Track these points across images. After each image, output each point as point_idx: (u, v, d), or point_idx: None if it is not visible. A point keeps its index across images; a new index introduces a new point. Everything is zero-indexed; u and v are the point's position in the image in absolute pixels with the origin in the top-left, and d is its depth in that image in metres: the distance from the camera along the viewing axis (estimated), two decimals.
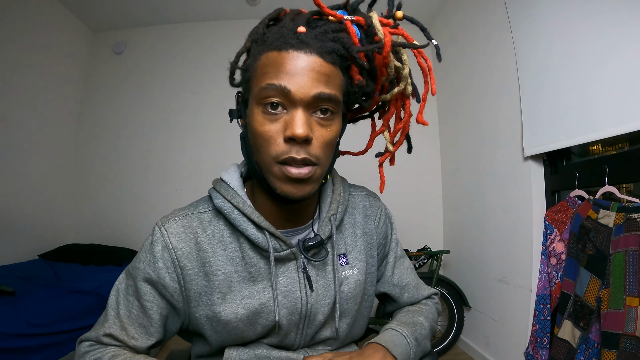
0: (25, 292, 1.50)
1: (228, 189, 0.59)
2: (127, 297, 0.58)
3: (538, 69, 1.56)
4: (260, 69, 0.50)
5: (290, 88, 0.48)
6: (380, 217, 0.71)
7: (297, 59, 0.48)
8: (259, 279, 0.57)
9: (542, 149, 1.53)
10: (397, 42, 0.53)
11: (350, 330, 0.66)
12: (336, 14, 0.52)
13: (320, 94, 0.49)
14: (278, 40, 0.49)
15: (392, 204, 3.00)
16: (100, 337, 0.57)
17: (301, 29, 0.49)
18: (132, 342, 0.56)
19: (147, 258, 0.57)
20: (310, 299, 0.59)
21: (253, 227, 0.56)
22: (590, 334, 1.23)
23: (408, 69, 0.57)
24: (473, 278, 2.17)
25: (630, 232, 1.13)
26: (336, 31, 0.51)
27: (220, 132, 2.61)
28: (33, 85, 2.26)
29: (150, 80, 2.73)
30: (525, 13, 1.64)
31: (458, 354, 2.17)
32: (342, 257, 0.63)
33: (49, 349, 1.38)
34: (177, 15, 2.68)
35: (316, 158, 0.51)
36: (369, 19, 0.52)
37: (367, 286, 0.67)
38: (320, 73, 0.49)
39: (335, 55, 0.50)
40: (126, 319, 0.57)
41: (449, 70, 2.48)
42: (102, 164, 2.65)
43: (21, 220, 2.16)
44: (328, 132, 0.52)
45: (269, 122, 0.50)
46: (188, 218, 0.59)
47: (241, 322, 0.56)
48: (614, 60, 1.21)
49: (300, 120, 0.48)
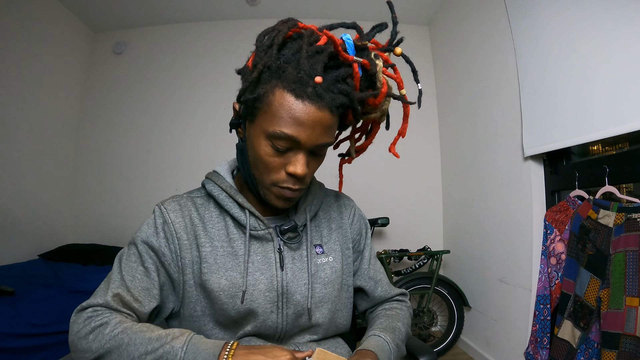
0: (25, 292, 1.50)
1: (219, 176, 0.69)
2: (129, 264, 0.62)
3: (538, 68, 1.56)
4: (276, 108, 0.53)
5: (301, 139, 0.54)
6: (354, 215, 0.79)
7: (310, 112, 0.53)
8: (239, 254, 0.64)
9: (542, 149, 1.53)
10: (391, 93, 0.59)
11: (332, 317, 0.70)
12: (349, 57, 0.54)
13: (323, 144, 0.57)
14: (295, 84, 0.52)
15: (392, 204, 3.02)
16: (108, 300, 0.57)
17: (318, 79, 0.51)
18: (135, 305, 0.59)
19: (150, 230, 0.64)
20: (285, 277, 0.65)
21: (237, 207, 0.65)
22: (590, 334, 1.23)
23: (389, 105, 0.62)
24: (473, 278, 2.17)
25: (630, 232, 1.13)
26: (344, 79, 0.55)
27: (220, 132, 2.61)
28: (33, 85, 2.26)
29: (150, 80, 2.73)
30: (525, 13, 1.64)
31: (458, 354, 2.17)
32: (319, 247, 0.71)
33: (49, 349, 1.38)
34: (177, 15, 2.68)
35: (306, 184, 0.62)
36: (374, 68, 0.56)
37: (345, 276, 0.73)
38: (326, 126, 0.55)
39: (341, 108, 0.56)
40: (130, 283, 0.61)
41: (449, 71, 2.49)
42: (102, 164, 2.65)
43: (21, 220, 2.16)
44: (318, 163, 0.62)
45: (273, 155, 0.57)
46: (184, 200, 0.68)
47: (222, 293, 0.61)
48: (614, 60, 1.21)
49: (302, 161, 0.57)
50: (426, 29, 2.80)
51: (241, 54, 0.72)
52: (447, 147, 2.59)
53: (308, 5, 2.58)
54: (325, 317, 0.68)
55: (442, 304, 2.27)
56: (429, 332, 2.23)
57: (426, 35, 2.78)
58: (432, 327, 2.22)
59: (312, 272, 0.67)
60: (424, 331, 2.19)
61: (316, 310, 0.67)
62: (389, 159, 2.66)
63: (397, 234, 2.57)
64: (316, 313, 0.67)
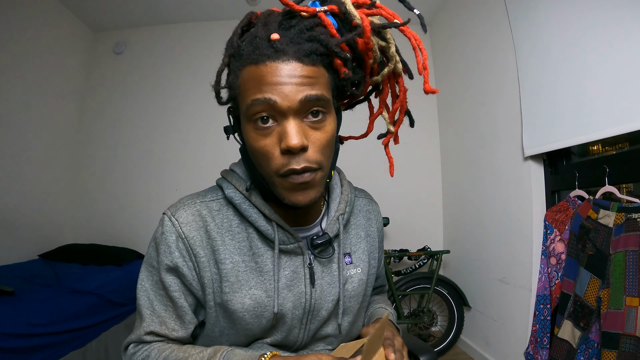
0: (25, 292, 1.50)
1: (239, 179, 0.60)
2: (158, 292, 0.59)
3: (538, 68, 1.56)
4: (243, 86, 0.50)
5: (275, 99, 0.47)
6: (379, 221, 0.75)
7: (276, 70, 0.47)
8: (265, 270, 0.58)
9: (542, 149, 1.53)
10: (376, 25, 0.51)
11: (351, 328, 0.67)
12: (308, 8, 0.49)
13: (306, 97, 0.48)
14: (254, 53, 0.48)
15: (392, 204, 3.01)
16: (142, 337, 0.58)
17: (274, 36, 0.47)
18: (174, 335, 0.58)
19: (163, 249, 0.57)
20: (314, 294, 0.60)
21: (263, 219, 0.58)
22: (590, 334, 1.23)
23: (394, 47, 0.55)
24: (473, 278, 2.17)
25: (630, 232, 1.13)
26: (311, 28, 0.49)
27: (220, 132, 2.60)
28: (33, 85, 2.25)
29: (150, 80, 2.73)
30: (525, 13, 1.64)
31: (458, 354, 2.17)
32: (347, 257, 0.65)
33: (49, 349, 1.37)
34: (177, 15, 2.68)
35: (316, 163, 0.50)
36: (343, 6, 0.49)
37: (368, 286, 0.69)
38: (302, 77, 0.48)
39: (314, 55, 0.48)
40: (164, 313, 0.58)
41: (449, 70, 2.49)
42: (102, 164, 2.65)
43: (21, 220, 2.16)
44: (323, 133, 0.51)
45: (263, 137, 0.50)
46: (197, 206, 0.59)
47: (247, 313, 0.57)
48: (614, 60, 1.21)
49: (293, 130, 0.48)
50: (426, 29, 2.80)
51: None
52: (447, 147, 2.59)
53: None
54: (345, 329, 0.65)
55: (442, 304, 2.27)
56: (429, 332, 2.23)
57: (426, 35, 2.78)
58: (432, 327, 2.22)
59: (342, 286, 0.62)
60: (424, 331, 2.19)
61: None
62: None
63: (397, 234, 2.56)
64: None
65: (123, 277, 1.87)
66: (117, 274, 1.89)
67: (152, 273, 0.60)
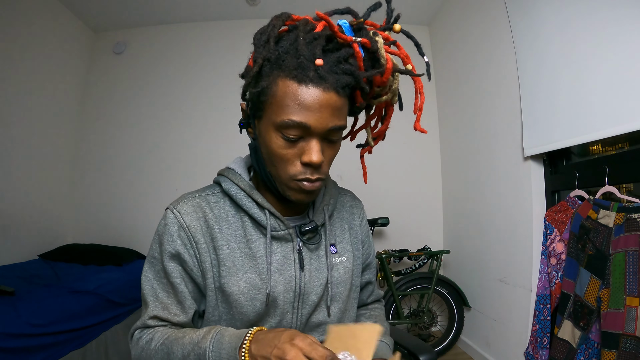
0: (25, 292, 1.50)
1: (235, 174, 0.67)
2: (160, 281, 0.64)
3: (538, 68, 1.56)
4: (280, 98, 0.53)
5: (310, 124, 0.53)
6: (363, 218, 0.81)
7: (316, 96, 0.52)
8: (258, 255, 0.64)
9: (542, 149, 1.53)
10: (397, 68, 0.57)
11: (342, 315, 0.71)
12: (347, 37, 0.53)
13: (334, 127, 0.55)
14: (297, 70, 0.52)
15: (393, 204, 3.01)
16: (146, 322, 0.64)
17: (319, 61, 0.50)
18: (176, 319, 0.63)
19: (166, 239, 0.63)
20: (304, 278, 0.65)
21: (256, 207, 0.64)
22: (590, 334, 1.23)
23: (398, 84, 0.61)
24: (473, 278, 2.17)
25: (630, 232, 1.13)
26: (346, 59, 0.54)
27: (220, 132, 2.61)
28: (33, 85, 2.25)
29: (150, 80, 2.73)
30: (525, 13, 1.64)
31: (458, 354, 2.17)
32: (332, 247, 0.71)
33: (49, 349, 1.37)
34: (177, 15, 2.68)
35: (325, 174, 0.60)
36: (375, 45, 0.54)
37: (354, 276, 0.75)
38: (335, 108, 0.54)
39: (347, 88, 0.55)
40: (166, 299, 0.64)
41: (449, 70, 2.49)
42: (102, 164, 2.65)
43: (21, 220, 2.16)
44: (334, 150, 0.60)
45: (287, 147, 0.56)
46: (197, 199, 0.66)
47: (242, 296, 0.61)
48: (613, 60, 1.21)
49: (315, 148, 0.55)
50: (426, 29, 2.80)
51: (241, 54, 0.72)
52: (447, 147, 2.59)
53: (308, 4, 2.58)
54: (335, 316, 0.70)
55: (442, 304, 2.27)
56: (429, 332, 2.23)
57: (426, 35, 2.78)
58: (432, 327, 2.22)
59: (329, 270, 0.68)
60: (424, 331, 2.19)
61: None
62: (389, 159, 2.64)
63: (397, 234, 2.57)
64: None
65: (123, 277, 1.87)
66: (117, 274, 1.89)
67: (154, 264, 0.65)
